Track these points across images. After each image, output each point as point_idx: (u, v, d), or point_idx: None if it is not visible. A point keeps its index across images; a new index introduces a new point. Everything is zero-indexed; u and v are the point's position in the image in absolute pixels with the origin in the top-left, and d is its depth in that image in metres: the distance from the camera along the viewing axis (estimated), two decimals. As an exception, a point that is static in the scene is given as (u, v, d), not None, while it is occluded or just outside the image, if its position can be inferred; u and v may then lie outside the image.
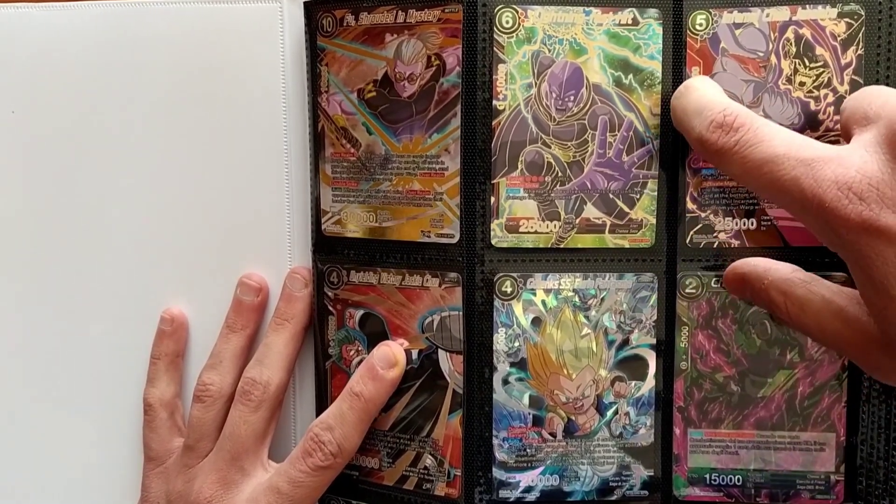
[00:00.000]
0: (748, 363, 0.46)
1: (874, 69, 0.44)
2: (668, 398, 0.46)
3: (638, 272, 0.45)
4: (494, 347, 0.45)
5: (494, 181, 0.45)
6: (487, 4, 0.44)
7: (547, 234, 0.45)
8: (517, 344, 0.45)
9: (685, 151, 0.45)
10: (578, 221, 0.45)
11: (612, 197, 0.45)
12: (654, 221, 0.45)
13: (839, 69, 0.44)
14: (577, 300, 0.45)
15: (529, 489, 0.46)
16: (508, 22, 0.44)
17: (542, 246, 0.45)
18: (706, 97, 0.42)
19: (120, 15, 0.50)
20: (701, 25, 0.44)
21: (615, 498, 0.46)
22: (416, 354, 0.47)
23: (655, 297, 0.45)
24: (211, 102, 0.49)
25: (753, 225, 0.45)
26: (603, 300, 0.45)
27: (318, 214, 0.48)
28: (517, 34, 0.44)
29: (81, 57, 0.50)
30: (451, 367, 0.46)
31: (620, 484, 0.46)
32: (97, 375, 0.52)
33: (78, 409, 0.52)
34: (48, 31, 0.50)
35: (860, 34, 0.44)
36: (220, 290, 0.50)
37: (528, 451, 0.46)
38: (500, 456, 0.46)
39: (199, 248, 0.50)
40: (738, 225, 0.45)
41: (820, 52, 0.44)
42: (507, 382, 0.45)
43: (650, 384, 0.46)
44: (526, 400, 0.46)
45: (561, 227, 0.45)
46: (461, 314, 0.45)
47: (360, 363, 0.47)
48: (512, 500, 0.46)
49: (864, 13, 0.44)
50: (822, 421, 0.46)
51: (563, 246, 0.45)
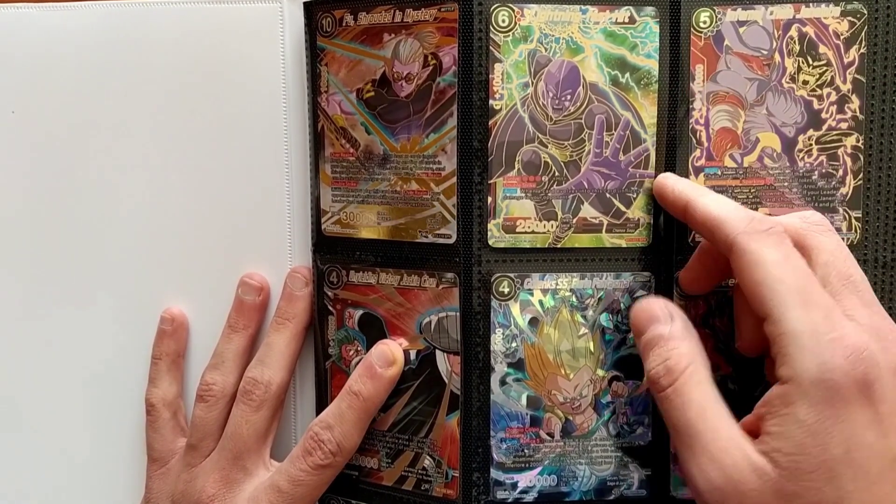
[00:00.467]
0: (745, 361, 0.45)
1: (876, 68, 0.44)
2: (666, 398, 0.46)
3: (635, 271, 0.45)
4: (492, 348, 0.45)
5: (491, 181, 0.44)
6: (483, 3, 0.43)
7: (544, 233, 0.45)
8: (514, 344, 0.45)
9: (686, 150, 0.45)
10: (575, 221, 0.45)
11: (608, 196, 0.45)
12: (650, 220, 0.45)
13: (842, 68, 0.44)
14: (574, 300, 0.45)
15: (527, 490, 0.46)
16: (504, 21, 0.44)
17: (539, 246, 0.45)
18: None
19: (120, 15, 0.50)
20: (705, 23, 0.44)
21: (613, 498, 0.46)
22: (414, 355, 0.47)
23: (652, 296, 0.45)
24: (211, 102, 0.50)
25: None
26: (600, 300, 0.45)
27: (318, 214, 0.48)
28: (513, 33, 0.44)
29: (81, 57, 0.51)
30: (448, 367, 0.46)
31: (618, 484, 0.46)
32: (98, 376, 0.52)
33: (79, 409, 0.53)
34: (48, 31, 0.51)
35: (863, 33, 0.44)
36: (220, 289, 0.50)
37: (525, 451, 0.46)
38: (497, 457, 0.46)
39: (199, 247, 0.50)
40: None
41: (823, 50, 0.44)
42: (504, 383, 0.45)
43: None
44: (523, 400, 0.45)
45: (558, 226, 0.45)
46: (458, 315, 0.45)
47: (359, 363, 0.47)
48: (510, 500, 0.46)
49: (866, 12, 0.44)
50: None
51: (560, 246, 0.45)
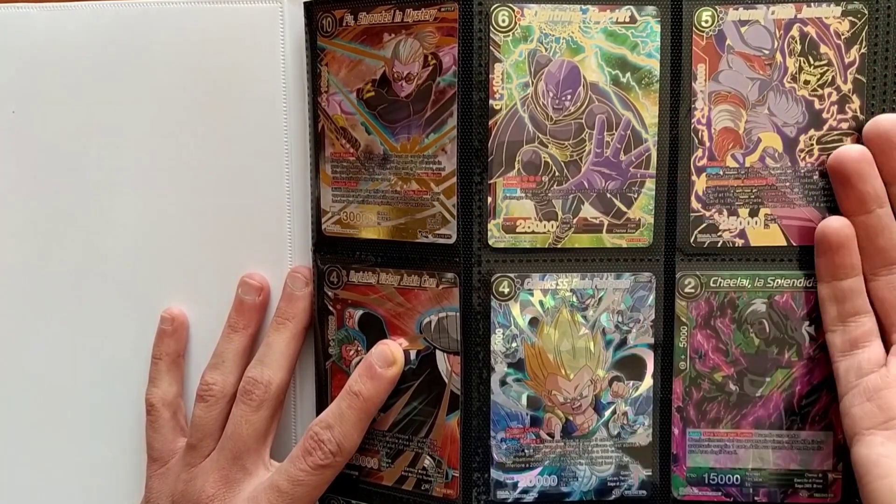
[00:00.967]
0: (746, 362, 0.45)
1: (876, 68, 0.44)
2: (666, 398, 0.46)
3: (636, 272, 0.45)
4: (492, 348, 0.45)
5: (491, 181, 0.44)
6: (483, 3, 0.43)
7: (544, 234, 0.45)
8: (515, 344, 0.45)
9: (687, 150, 0.45)
10: (576, 221, 0.45)
11: (609, 196, 0.45)
12: (651, 221, 0.45)
13: (843, 68, 0.44)
14: (574, 300, 0.45)
15: (527, 490, 0.46)
16: (505, 20, 0.44)
17: (539, 246, 0.45)
18: None
19: (120, 15, 0.50)
20: (707, 22, 0.44)
21: (613, 498, 0.46)
22: (414, 355, 0.47)
23: (653, 296, 0.45)
24: (211, 103, 0.50)
25: (757, 224, 0.45)
26: (601, 300, 0.45)
27: (318, 214, 0.48)
28: (513, 33, 0.44)
29: (81, 57, 0.50)
30: (448, 367, 0.46)
31: (619, 484, 0.46)
32: (98, 376, 0.52)
33: (79, 409, 0.53)
34: (48, 31, 0.51)
35: (863, 33, 0.44)
36: (220, 289, 0.50)
37: (525, 451, 0.46)
38: (497, 457, 0.46)
39: (199, 248, 0.50)
40: (742, 224, 0.45)
41: (824, 50, 0.44)
42: (504, 383, 0.45)
43: (648, 384, 0.46)
44: (524, 400, 0.45)
45: (558, 226, 0.45)
46: (458, 315, 0.45)
47: (359, 363, 0.47)
48: (510, 500, 0.46)
49: (867, 12, 0.43)
50: (819, 420, 0.45)
51: (560, 246, 0.45)
